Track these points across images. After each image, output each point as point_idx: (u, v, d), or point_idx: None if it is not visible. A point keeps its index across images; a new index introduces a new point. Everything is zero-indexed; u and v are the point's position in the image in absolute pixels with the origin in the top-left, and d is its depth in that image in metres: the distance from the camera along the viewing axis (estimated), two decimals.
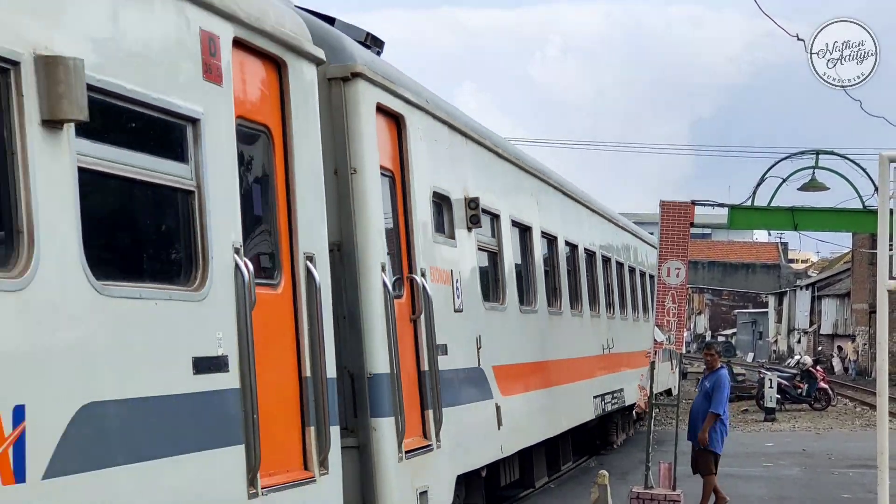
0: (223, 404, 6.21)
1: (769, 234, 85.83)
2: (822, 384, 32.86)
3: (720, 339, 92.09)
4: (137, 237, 6.14)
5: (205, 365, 6.01)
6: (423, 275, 9.42)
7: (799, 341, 70.73)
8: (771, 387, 29.88)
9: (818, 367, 34.66)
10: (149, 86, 5.72)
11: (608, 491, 12.79)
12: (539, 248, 14.47)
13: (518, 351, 13.02)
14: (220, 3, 6.41)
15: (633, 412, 22.60)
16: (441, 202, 10.49)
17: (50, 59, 4.98)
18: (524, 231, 13.95)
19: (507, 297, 12.65)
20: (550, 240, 15.42)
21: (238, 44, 6.64)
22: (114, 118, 5.67)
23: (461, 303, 10.70)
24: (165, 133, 6.05)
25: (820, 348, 63.58)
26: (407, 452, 8.71)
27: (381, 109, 8.89)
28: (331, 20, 9.16)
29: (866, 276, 51.71)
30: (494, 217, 12.40)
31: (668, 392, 26.59)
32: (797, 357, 44.35)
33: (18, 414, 4.67)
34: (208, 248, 6.14)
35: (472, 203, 11.08)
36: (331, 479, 7.33)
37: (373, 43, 9.71)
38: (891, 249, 10.08)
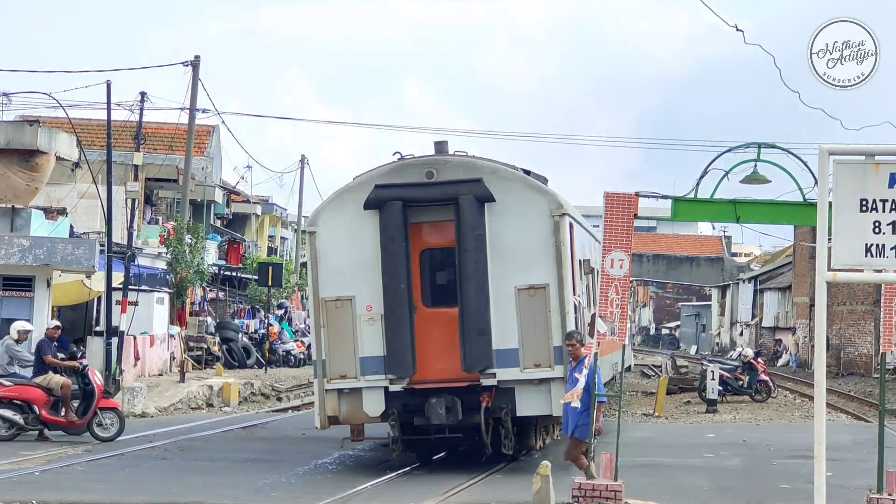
0: None
1: (713, 228, 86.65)
2: (763, 376, 33.19)
3: (664, 331, 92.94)
4: None
5: None
6: None
7: (741, 334, 71.44)
8: (713, 379, 30.11)
9: (759, 360, 35.01)
10: None
11: (550, 482, 12.81)
12: None
13: None
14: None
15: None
16: None
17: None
18: None
19: None
20: None
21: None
22: None
23: None
24: None
25: (761, 341, 64.25)
26: None
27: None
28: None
29: (807, 270, 52.31)
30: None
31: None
32: (739, 349, 44.73)
33: None
34: None
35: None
36: None
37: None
38: (829, 242, 10.19)
